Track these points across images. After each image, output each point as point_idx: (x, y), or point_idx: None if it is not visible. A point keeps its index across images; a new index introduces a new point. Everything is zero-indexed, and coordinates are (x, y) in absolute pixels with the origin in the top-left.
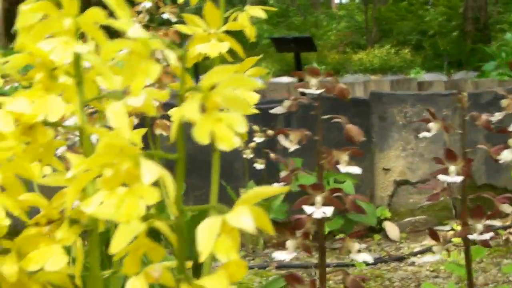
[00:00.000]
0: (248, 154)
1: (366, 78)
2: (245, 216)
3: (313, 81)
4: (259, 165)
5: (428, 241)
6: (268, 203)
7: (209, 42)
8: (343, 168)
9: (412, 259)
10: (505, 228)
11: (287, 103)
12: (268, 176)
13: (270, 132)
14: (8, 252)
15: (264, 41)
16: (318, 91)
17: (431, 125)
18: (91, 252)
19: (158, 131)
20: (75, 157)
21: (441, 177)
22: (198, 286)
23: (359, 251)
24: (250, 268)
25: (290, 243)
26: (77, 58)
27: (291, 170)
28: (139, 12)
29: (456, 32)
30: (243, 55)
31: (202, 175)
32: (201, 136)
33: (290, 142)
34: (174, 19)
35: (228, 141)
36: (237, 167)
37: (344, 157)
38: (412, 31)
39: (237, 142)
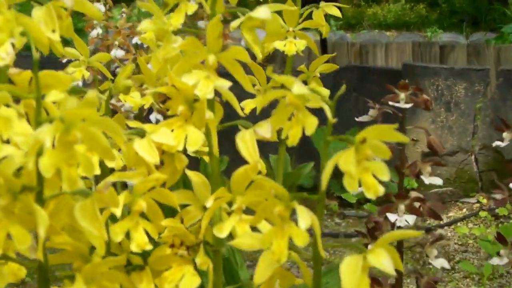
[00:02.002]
0: None
1: (384, 37)
2: (385, 259)
3: (402, 95)
4: None
5: (453, 213)
6: (298, 170)
7: (286, 40)
8: (426, 179)
9: (439, 231)
10: None
11: (373, 112)
12: None
13: None
14: (138, 269)
15: None
16: (408, 105)
17: (505, 134)
18: (215, 271)
19: None
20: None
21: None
22: None
23: (436, 257)
24: None
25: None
26: None
27: None
28: None
29: None
30: (317, 52)
31: None
32: (351, 186)
33: None
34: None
35: (375, 190)
36: None
37: (427, 168)
38: None
39: (381, 190)
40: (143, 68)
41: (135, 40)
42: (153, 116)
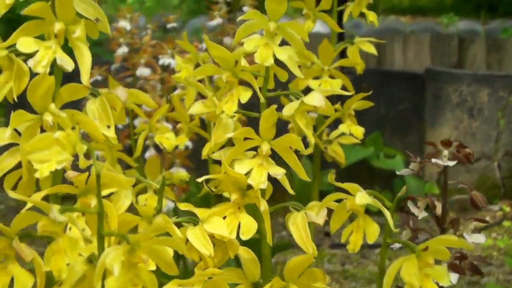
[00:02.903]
0: None
1: (401, 25)
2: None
3: (445, 152)
4: None
5: (476, 222)
6: (321, 176)
7: (321, 79)
8: (469, 237)
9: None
10: None
11: (414, 166)
12: None
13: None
14: None
15: None
16: (451, 163)
17: None
18: None
19: None
20: None
21: None
22: None
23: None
24: None
25: None
26: None
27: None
28: (217, 3)
29: None
30: (352, 90)
31: None
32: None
33: (418, 209)
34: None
35: None
36: None
37: (470, 226)
38: None
39: None
40: (177, 106)
41: (162, 61)
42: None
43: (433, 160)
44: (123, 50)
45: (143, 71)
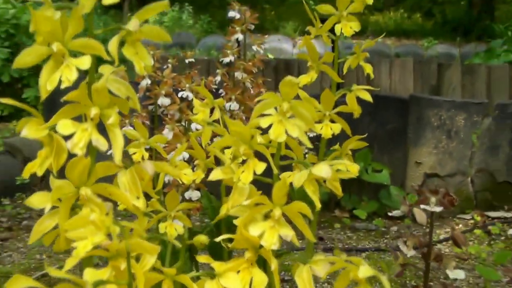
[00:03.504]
0: None
1: (386, 49)
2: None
3: (433, 199)
4: None
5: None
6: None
7: (323, 123)
8: (451, 273)
9: (439, 246)
10: None
11: (404, 208)
12: None
13: None
14: None
15: None
16: (438, 209)
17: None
18: None
19: None
20: None
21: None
22: None
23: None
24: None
25: None
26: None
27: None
28: (229, 41)
29: (463, 1)
30: (350, 133)
31: None
32: None
33: (407, 247)
34: (261, 51)
35: None
36: None
37: (452, 263)
38: None
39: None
40: (194, 144)
41: (181, 93)
42: None
43: (422, 206)
44: (146, 82)
45: (163, 101)
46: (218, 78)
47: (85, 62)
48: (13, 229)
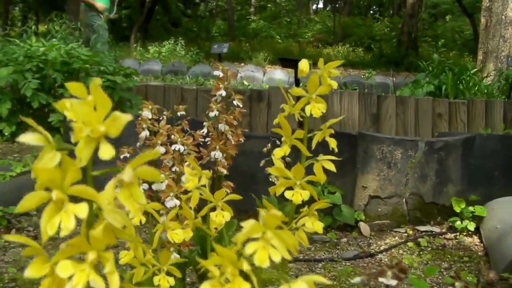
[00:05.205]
0: None
1: (337, 79)
2: None
3: (389, 273)
4: None
5: (389, 240)
6: (282, 207)
7: (294, 190)
8: (387, 281)
9: (380, 256)
10: (441, 234)
11: (364, 278)
12: None
13: None
14: None
15: (263, 34)
16: (393, 282)
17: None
18: None
19: None
20: None
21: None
22: None
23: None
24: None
25: None
26: None
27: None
28: (214, 97)
29: (395, 40)
30: (315, 196)
31: None
32: None
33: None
34: (240, 105)
35: None
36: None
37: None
38: (364, 36)
39: None
40: (184, 207)
41: (174, 146)
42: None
43: (380, 279)
44: (145, 133)
45: (160, 149)
46: (205, 130)
47: (83, 211)
48: (38, 237)
